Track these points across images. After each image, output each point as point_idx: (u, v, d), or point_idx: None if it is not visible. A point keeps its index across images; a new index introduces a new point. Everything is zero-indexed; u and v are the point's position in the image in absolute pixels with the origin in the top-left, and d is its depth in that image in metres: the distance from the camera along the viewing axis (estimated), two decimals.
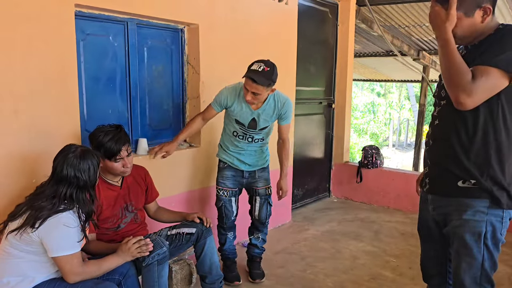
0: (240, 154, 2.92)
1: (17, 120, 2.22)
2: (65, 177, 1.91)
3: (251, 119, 2.82)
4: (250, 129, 2.85)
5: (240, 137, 2.87)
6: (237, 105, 2.79)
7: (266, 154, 3.04)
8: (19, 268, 1.87)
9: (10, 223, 1.89)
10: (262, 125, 2.85)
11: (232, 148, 2.91)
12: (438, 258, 1.96)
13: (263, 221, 3.08)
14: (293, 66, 4.16)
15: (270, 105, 2.83)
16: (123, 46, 2.83)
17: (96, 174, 2.02)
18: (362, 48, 7.81)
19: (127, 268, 2.12)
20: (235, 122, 2.83)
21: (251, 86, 2.61)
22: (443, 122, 1.74)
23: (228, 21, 3.36)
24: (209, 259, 2.53)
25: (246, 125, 2.83)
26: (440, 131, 1.75)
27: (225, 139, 2.95)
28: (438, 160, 1.76)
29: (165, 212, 2.69)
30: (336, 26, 5.02)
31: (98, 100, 2.74)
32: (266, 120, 2.85)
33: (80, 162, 1.93)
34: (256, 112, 2.81)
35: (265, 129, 2.89)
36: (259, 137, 2.90)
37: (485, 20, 1.62)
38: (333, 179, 5.37)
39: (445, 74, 1.57)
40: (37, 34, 2.25)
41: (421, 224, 2.00)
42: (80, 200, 1.95)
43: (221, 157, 2.98)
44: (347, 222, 4.44)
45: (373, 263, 3.41)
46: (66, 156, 1.93)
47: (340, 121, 5.26)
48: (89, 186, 1.98)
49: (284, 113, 2.87)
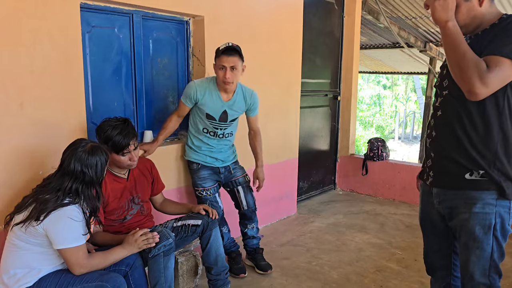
0: (212, 152, 2.94)
1: (23, 112, 2.23)
2: (71, 171, 1.92)
3: (222, 112, 2.84)
4: (221, 122, 2.86)
5: (211, 133, 2.89)
6: (208, 97, 2.80)
7: (234, 149, 3.11)
8: (26, 260, 1.89)
9: (16, 215, 1.91)
10: (232, 116, 2.90)
11: (204, 147, 2.92)
12: (443, 251, 1.95)
13: (253, 208, 3.10)
14: (298, 58, 4.14)
15: (240, 96, 2.91)
16: (129, 38, 2.83)
17: (104, 171, 2.02)
18: (368, 40, 7.76)
19: (133, 259, 2.13)
20: (206, 117, 2.83)
21: (228, 61, 2.67)
22: (446, 113, 1.72)
23: (233, 12, 3.34)
24: (214, 251, 2.55)
25: (217, 118, 2.84)
26: (444, 122, 1.73)
27: (193, 139, 2.94)
28: (444, 152, 1.73)
29: (171, 204, 2.70)
30: (342, 17, 4.99)
31: (103, 93, 2.75)
32: (237, 112, 2.92)
33: (88, 157, 1.94)
34: (227, 104, 2.85)
35: (235, 121, 2.95)
36: (228, 131, 2.94)
37: (482, 4, 1.59)
38: (339, 171, 5.36)
39: (456, 63, 1.51)
40: (43, 26, 2.26)
41: (424, 218, 1.97)
42: (86, 196, 1.95)
43: (192, 158, 2.95)
44: (352, 214, 4.44)
45: (379, 255, 3.41)
46: (75, 150, 1.94)
47: (345, 114, 5.24)
48: (95, 182, 1.99)
49: (253, 104, 2.98)
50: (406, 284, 2.94)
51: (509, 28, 1.54)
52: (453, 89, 1.62)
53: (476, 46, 1.55)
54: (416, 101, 20.68)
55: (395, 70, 10.98)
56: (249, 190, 3.09)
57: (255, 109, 3.02)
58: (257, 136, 3.13)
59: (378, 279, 3.01)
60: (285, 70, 4.01)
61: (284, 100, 4.05)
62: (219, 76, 2.73)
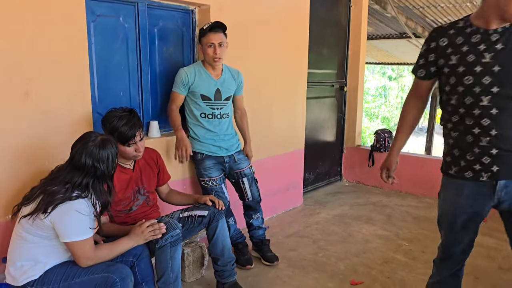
0: (215, 140, 2.93)
1: (28, 102, 2.21)
2: (82, 166, 1.90)
3: (215, 90, 2.88)
4: (216, 101, 2.90)
5: (210, 116, 2.90)
6: (199, 79, 2.85)
7: (237, 137, 3.12)
8: (32, 253, 1.89)
9: (24, 207, 1.90)
10: (226, 94, 2.94)
11: (206, 135, 2.91)
12: (470, 242, 1.94)
13: (258, 199, 3.10)
14: (305, 48, 4.10)
15: (228, 74, 2.98)
16: (134, 27, 2.80)
17: (114, 163, 2.01)
18: (375, 30, 7.69)
19: (140, 250, 2.13)
20: (201, 98, 2.86)
21: (215, 37, 2.75)
22: (506, 111, 1.69)
23: (239, 2, 3.31)
24: (221, 242, 2.54)
25: (213, 98, 2.88)
26: (505, 119, 1.70)
27: (194, 129, 2.93)
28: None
29: (177, 194, 2.69)
30: (349, 7, 4.93)
31: (109, 82, 2.73)
32: (229, 89, 2.97)
33: (100, 151, 1.92)
34: (219, 82, 2.90)
35: (229, 101, 2.99)
36: (225, 111, 2.96)
37: None
38: (345, 162, 5.33)
39: None
40: (47, 15, 2.23)
41: (470, 215, 1.87)
42: (97, 191, 1.94)
43: (196, 148, 2.94)
44: (359, 206, 4.41)
45: (386, 246, 3.39)
46: (85, 145, 1.92)
47: (352, 104, 5.20)
48: (107, 176, 1.97)
49: (240, 82, 3.06)
50: (413, 275, 2.92)
51: None
52: (505, 86, 1.64)
53: None
54: None
55: (402, 61, 10.88)
56: (254, 181, 3.08)
57: (241, 88, 3.10)
58: (244, 115, 3.20)
59: (385, 271, 2.99)
60: (292, 60, 3.96)
61: (291, 90, 4.01)
62: (209, 53, 2.78)
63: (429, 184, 4.63)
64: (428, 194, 4.64)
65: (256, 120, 3.53)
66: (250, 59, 3.46)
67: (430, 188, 4.62)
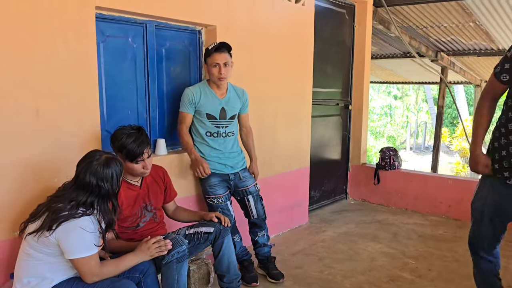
0: (220, 157, 2.96)
1: (38, 119, 2.26)
2: (87, 185, 1.93)
3: (220, 109, 2.92)
4: (221, 120, 2.93)
5: (215, 134, 2.94)
6: (204, 98, 2.90)
7: (243, 155, 3.14)
8: (38, 269, 1.91)
9: (30, 224, 1.92)
10: (231, 113, 2.98)
11: (212, 152, 2.95)
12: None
13: (263, 217, 3.11)
14: (309, 67, 4.15)
15: (233, 93, 3.02)
16: (142, 47, 2.87)
17: (119, 181, 2.03)
18: (379, 50, 7.76)
19: (147, 266, 2.14)
20: (207, 117, 2.90)
21: (220, 58, 2.80)
22: None
23: (245, 22, 3.38)
24: (227, 259, 2.54)
25: (218, 116, 2.91)
26: None
27: (200, 147, 2.96)
28: None
29: (183, 211, 2.71)
30: (353, 27, 5.00)
31: (117, 101, 2.78)
32: (234, 108, 3.01)
33: (104, 170, 1.94)
34: (223, 101, 2.94)
35: (234, 120, 3.03)
36: (230, 130, 2.99)
37: None
38: (350, 180, 5.34)
39: None
40: (59, 35, 2.30)
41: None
42: (102, 209, 1.96)
43: None
44: (364, 224, 4.40)
45: (392, 264, 3.37)
46: (90, 164, 1.94)
47: (357, 123, 5.23)
48: (111, 194, 2.00)
49: (245, 101, 3.10)
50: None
51: None
52: None
53: None
54: (427, 111, 20.55)
55: (406, 80, 10.94)
56: (259, 199, 3.10)
57: (247, 106, 3.14)
58: (249, 134, 3.22)
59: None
60: (297, 79, 4.02)
61: (296, 109, 4.06)
62: (214, 73, 2.83)
63: (434, 202, 4.62)
64: (433, 212, 4.63)
65: (261, 138, 3.56)
66: (255, 78, 3.52)
67: (436, 206, 4.62)
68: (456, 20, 5.56)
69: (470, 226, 2.28)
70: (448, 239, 3.94)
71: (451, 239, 3.95)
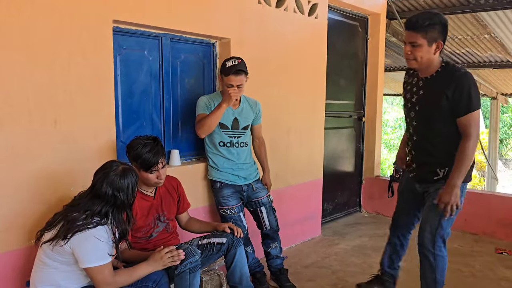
0: (233, 169, 2.97)
1: (56, 129, 2.31)
2: (103, 195, 1.95)
3: (233, 120, 2.95)
4: (234, 130, 2.95)
5: (228, 144, 2.95)
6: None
7: (256, 166, 3.15)
8: (53, 278, 1.93)
9: (46, 232, 1.95)
10: (244, 123, 3.00)
11: (225, 163, 2.96)
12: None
13: (276, 229, 3.10)
14: (323, 79, 4.17)
15: (246, 104, 3.04)
16: (158, 60, 2.92)
17: (134, 192, 2.05)
18: (393, 62, 7.75)
19: (160, 276, 2.15)
20: (220, 127, 2.91)
21: (235, 80, 2.78)
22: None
23: (259, 35, 3.42)
24: (239, 270, 2.54)
25: (230, 126, 2.94)
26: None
27: (213, 158, 2.98)
28: None
29: (196, 222, 2.72)
30: (366, 39, 5.02)
31: (133, 112, 2.83)
32: (247, 119, 3.03)
33: (120, 180, 1.97)
34: (237, 111, 2.97)
35: (247, 130, 3.04)
36: (243, 140, 3.00)
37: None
38: (364, 193, 5.30)
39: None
40: (77, 49, 2.36)
41: None
42: (116, 220, 1.99)
43: (215, 177, 2.99)
44: (378, 237, 4.35)
45: (405, 278, 3.32)
46: (106, 174, 1.97)
47: (370, 135, 5.21)
48: (126, 205, 2.02)
49: (258, 112, 3.12)
50: None
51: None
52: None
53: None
54: None
55: None
56: (272, 210, 3.09)
57: (260, 117, 3.16)
58: (262, 145, 3.24)
59: None
60: (310, 92, 4.03)
61: (309, 121, 4.06)
62: (228, 92, 2.83)
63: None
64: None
65: (274, 150, 3.57)
66: (268, 90, 3.54)
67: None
68: (471, 32, 5.54)
69: (487, 241, 2.33)
70: (464, 253, 3.87)
71: (467, 253, 3.88)
